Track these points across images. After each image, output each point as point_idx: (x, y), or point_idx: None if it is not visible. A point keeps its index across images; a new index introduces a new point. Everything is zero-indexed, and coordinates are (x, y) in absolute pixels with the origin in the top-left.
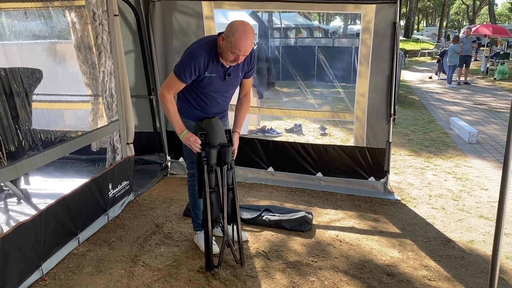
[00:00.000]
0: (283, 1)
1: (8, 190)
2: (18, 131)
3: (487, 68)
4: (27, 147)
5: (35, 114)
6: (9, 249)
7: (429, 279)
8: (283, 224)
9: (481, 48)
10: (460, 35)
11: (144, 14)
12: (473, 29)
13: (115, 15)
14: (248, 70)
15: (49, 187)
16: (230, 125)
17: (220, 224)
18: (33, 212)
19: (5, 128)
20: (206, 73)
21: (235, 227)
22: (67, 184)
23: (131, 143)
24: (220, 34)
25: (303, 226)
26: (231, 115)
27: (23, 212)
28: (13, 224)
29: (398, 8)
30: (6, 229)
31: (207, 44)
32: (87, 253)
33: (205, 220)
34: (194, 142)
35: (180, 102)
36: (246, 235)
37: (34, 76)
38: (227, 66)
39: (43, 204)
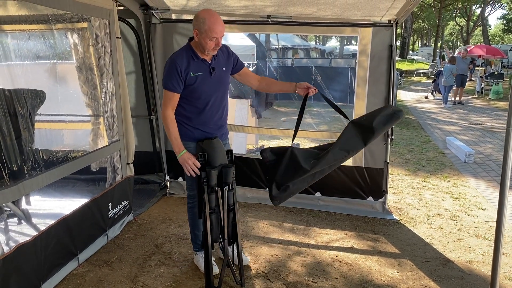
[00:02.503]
0: (281, 24)
1: (9, 210)
2: (21, 151)
3: (482, 88)
4: (30, 168)
5: (37, 134)
6: (10, 270)
7: None
8: (373, 126)
9: (475, 69)
10: (455, 55)
11: (145, 36)
12: (468, 50)
13: (117, 38)
14: (235, 63)
15: (50, 207)
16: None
17: (220, 245)
18: (34, 233)
19: (8, 148)
20: (191, 73)
21: (235, 247)
22: (68, 204)
23: (131, 163)
24: (190, 39)
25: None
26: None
27: (23, 233)
28: (13, 244)
29: (394, 31)
30: (7, 249)
31: (181, 49)
32: (86, 274)
33: (205, 241)
34: (191, 165)
35: (178, 124)
36: (248, 259)
37: (38, 97)
38: (209, 61)
39: (43, 224)
